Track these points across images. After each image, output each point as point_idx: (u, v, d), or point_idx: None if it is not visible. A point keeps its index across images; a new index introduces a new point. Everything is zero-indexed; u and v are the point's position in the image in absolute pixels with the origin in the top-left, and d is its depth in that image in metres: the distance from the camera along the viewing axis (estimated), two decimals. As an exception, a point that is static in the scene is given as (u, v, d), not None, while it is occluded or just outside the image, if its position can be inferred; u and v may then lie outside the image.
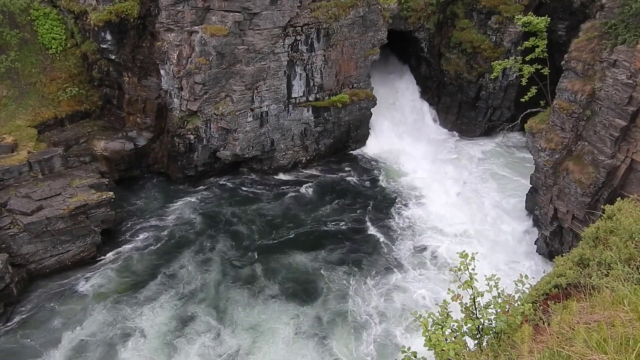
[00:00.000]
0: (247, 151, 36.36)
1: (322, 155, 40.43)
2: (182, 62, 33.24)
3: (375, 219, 33.73)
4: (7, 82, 33.51)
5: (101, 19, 33.02)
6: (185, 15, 32.50)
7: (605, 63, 24.63)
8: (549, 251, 29.08)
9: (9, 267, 26.09)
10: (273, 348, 24.41)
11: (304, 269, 29.41)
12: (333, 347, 24.38)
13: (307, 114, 37.88)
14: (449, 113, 44.19)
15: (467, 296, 6.62)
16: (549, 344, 5.13)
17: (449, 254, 30.09)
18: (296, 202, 35.59)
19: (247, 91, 34.42)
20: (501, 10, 38.17)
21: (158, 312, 26.33)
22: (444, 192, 35.98)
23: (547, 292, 7.36)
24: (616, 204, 9.14)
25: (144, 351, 24.25)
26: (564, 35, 36.97)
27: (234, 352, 24.16)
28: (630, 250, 7.04)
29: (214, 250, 30.76)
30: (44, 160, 30.45)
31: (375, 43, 38.42)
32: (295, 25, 34.38)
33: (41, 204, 28.33)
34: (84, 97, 36.18)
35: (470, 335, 6.35)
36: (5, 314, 25.67)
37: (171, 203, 34.93)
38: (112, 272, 28.94)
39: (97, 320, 25.74)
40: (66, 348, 24.28)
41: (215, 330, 25.41)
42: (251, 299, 27.31)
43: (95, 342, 24.58)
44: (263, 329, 25.50)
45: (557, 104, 27.09)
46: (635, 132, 23.72)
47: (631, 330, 4.74)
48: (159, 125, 36.42)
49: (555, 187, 27.60)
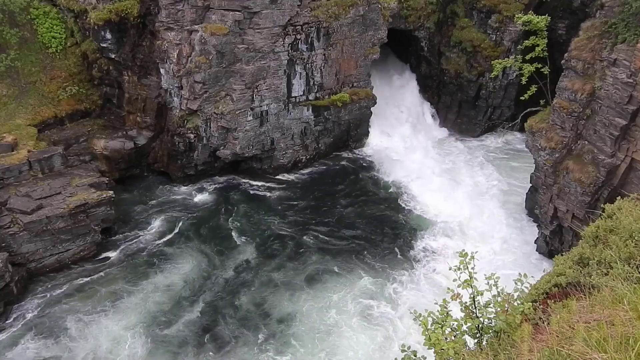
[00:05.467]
0: (247, 150, 36.34)
1: (322, 154, 40.41)
2: (182, 61, 33.21)
3: (376, 218, 33.71)
4: (7, 81, 33.48)
5: (101, 17, 32.98)
6: (185, 14, 32.47)
7: (606, 62, 24.61)
8: (549, 250, 29.09)
9: (9, 266, 26.09)
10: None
11: (304, 268, 29.47)
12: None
13: (307, 113, 37.86)
14: (449, 112, 44.17)
15: (466, 295, 6.62)
16: (548, 343, 5.13)
17: (443, 251, 30.23)
18: (296, 200, 35.58)
19: (247, 90, 34.40)
20: (501, 9, 38.15)
21: (158, 312, 26.35)
22: (443, 191, 35.93)
23: (547, 291, 7.36)
24: (616, 203, 9.14)
25: (144, 350, 24.28)
26: (564, 34, 36.96)
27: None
28: (630, 250, 7.04)
29: (214, 249, 30.76)
30: (44, 159, 30.44)
31: (376, 42, 38.39)
32: (295, 24, 34.36)
33: (41, 203, 28.33)
34: (83, 96, 36.13)
35: (470, 334, 6.35)
36: (5, 313, 25.69)
37: (171, 202, 34.92)
38: (112, 271, 28.94)
39: (97, 320, 25.75)
40: (66, 347, 24.29)
41: (224, 332, 25.42)
42: (251, 297, 27.35)
43: (95, 342, 24.60)
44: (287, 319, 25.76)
45: (557, 103, 27.07)
46: (635, 131, 23.72)
47: (631, 329, 4.74)
48: (159, 124, 36.40)
49: (555, 186, 27.60)
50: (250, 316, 26.20)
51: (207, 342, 24.72)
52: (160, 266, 29.28)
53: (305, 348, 24.23)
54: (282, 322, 25.73)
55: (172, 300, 27.12)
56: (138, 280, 28.27)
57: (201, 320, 25.94)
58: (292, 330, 25.25)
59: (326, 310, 26.35)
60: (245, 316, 26.23)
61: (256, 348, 24.35)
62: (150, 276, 28.52)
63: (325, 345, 24.34)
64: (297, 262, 29.89)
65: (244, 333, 25.23)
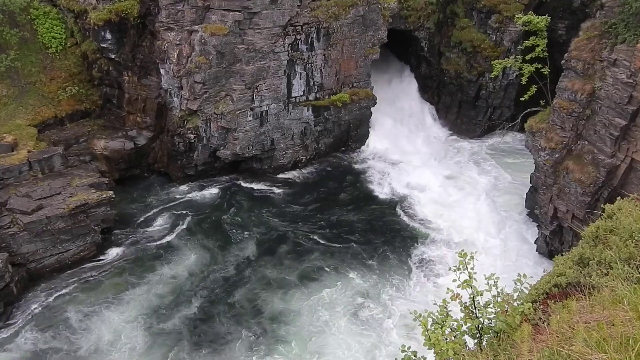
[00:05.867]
0: (247, 150, 36.34)
1: (322, 154, 40.41)
2: (182, 61, 33.22)
3: (374, 219, 33.69)
4: (7, 81, 33.49)
5: (101, 18, 32.99)
6: (185, 15, 32.49)
7: (605, 62, 24.60)
8: (549, 250, 29.08)
9: (9, 266, 26.10)
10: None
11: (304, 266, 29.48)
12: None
13: (307, 113, 37.87)
14: (449, 112, 44.16)
15: (466, 295, 6.61)
16: (548, 343, 5.12)
17: (441, 252, 30.27)
18: (296, 201, 35.58)
19: (247, 90, 34.40)
20: (501, 9, 38.15)
21: (158, 311, 26.35)
22: (443, 191, 35.95)
23: (546, 291, 7.34)
24: (616, 203, 9.11)
25: (142, 343, 24.37)
26: (564, 35, 36.95)
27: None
28: (630, 250, 7.03)
29: (214, 248, 30.78)
30: (44, 159, 30.44)
31: (375, 42, 38.39)
32: (295, 25, 34.36)
33: (41, 203, 28.33)
34: (83, 97, 36.15)
35: (470, 335, 6.35)
36: (5, 313, 25.69)
37: (171, 202, 34.92)
38: (112, 271, 28.96)
39: (97, 320, 25.76)
40: (66, 347, 24.30)
41: (219, 329, 25.46)
42: (250, 295, 27.38)
43: (94, 342, 24.60)
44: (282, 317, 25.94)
45: (557, 103, 27.07)
46: (635, 132, 23.71)
47: (631, 330, 4.74)
48: (159, 125, 36.40)
49: (555, 187, 27.59)
50: (245, 313, 26.42)
51: (201, 338, 25.04)
52: (160, 265, 29.29)
53: (295, 347, 24.40)
54: (274, 320, 25.92)
55: (173, 294, 27.39)
56: (138, 278, 28.29)
57: (203, 320, 26.04)
58: (283, 329, 25.42)
59: (318, 310, 26.49)
60: (239, 313, 26.45)
61: (248, 344, 24.65)
62: (151, 275, 28.56)
63: (314, 346, 24.46)
64: (294, 261, 29.93)
65: (237, 330, 25.45)
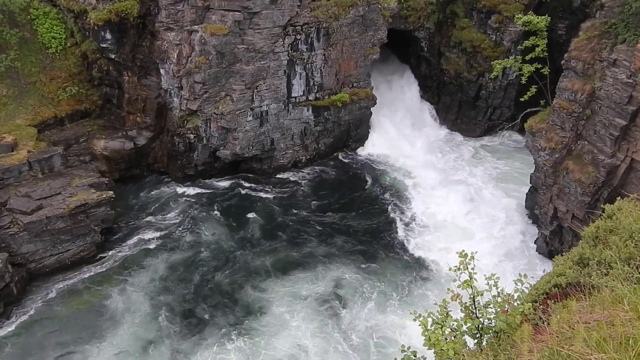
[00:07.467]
0: (247, 150, 36.33)
1: (322, 154, 40.40)
2: (182, 61, 33.22)
3: (373, 218, 33.71)
4: (7, 82, 33.48)
5: (101, 18, 32.98)
6: (185, 15, 32.48)
7: (605, 62, 24.62)
8: (549, 250, 29.09)
9: (8, 266, 26.10)
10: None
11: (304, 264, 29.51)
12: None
13: (307, 113, 37.86)
14: (448, 112, 44.14)
15: (466, 295, 6.61)
16: (548, 343, 5.12)
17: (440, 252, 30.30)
18: (296, 200, 35.58)
19: (247, 90, 34.40)
20: (501, 9, 38.12)
21: (158, 310, 26.36)
22: (442, 191, 35.93)
23: (546, 291, 7.34)
24: (616, 203, 9.11)
25: (143, 348, 24.31)
26: (564, 35, 36.94)
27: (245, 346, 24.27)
28: (630, 250, 7.03)
29: (214, 248, 30.78)
30: (43, 159, 30.44)
31: (375, 42, 38.38)
32: (295, 25, 34.35)
33: (41, 203, 28.33)
34: (83, 97, 36.14)
35: (470, 335, 6.34)
36: (5, 313, 25.71)
37: (171, 202, 34.92)
38: (112, 271, 28.96)
39: (96, 319, 25.76)
40: (66, 347, 24.30)
41: (219, 329, 25.48)
42: (249, 294, 27.39)
43: (94, 341, 24.60)
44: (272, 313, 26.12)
45: (557, 103, 27.08)
46: (635, 132, 23.73)
47: (631, 330, 4.73)
48: (158, 125, 36.40)
49: (555, 187, 27.60)
50: (245, 316, 26.51)
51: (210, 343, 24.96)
52: (160, 265, 29.29)
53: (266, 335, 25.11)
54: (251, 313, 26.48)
55: (173, 294, 27.58)
56: (138, 280, 28.29)
57: (204, 320, 26.12)
58: (261, 319, 26.00)
59: (295, 304, 26.97)
60: (240, 316, 26.54)
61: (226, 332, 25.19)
62: (150, 275, 28.56)
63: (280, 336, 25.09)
64: (295, 260, 29.99)
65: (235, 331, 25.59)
